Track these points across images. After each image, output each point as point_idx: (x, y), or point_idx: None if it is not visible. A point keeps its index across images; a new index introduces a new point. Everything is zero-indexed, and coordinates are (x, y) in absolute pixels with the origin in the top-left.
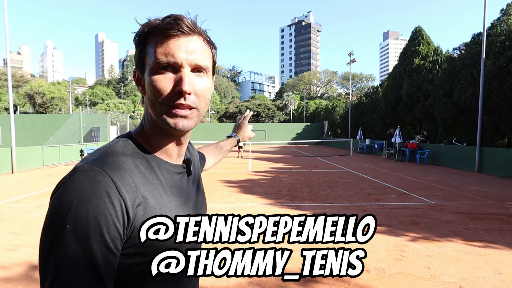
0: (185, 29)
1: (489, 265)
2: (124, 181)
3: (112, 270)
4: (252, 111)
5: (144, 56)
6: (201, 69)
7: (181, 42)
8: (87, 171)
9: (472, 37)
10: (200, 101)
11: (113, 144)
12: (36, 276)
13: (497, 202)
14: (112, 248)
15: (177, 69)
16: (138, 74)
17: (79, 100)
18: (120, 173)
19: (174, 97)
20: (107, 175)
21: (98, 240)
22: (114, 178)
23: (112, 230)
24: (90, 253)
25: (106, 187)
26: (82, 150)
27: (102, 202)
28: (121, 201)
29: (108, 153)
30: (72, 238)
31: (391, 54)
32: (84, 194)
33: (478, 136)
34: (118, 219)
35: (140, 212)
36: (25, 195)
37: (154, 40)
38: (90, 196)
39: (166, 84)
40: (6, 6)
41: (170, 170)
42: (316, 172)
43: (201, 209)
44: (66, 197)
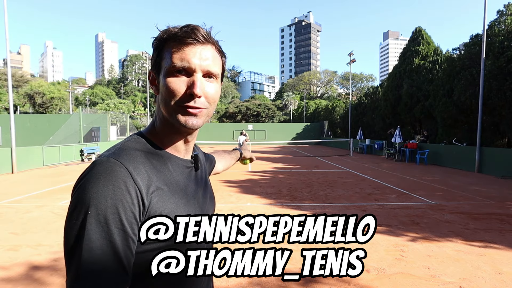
0: (200, 38)
1: (489, 265)
2: (138, 171)
3: (131, 254)
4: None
5: (161, 59)
6: (212, 75)
7: (196, 49)
8: (105, 163)
9: (470, 38)
10: (209, 103)
11: (127, 141)
12: (36, 276)
13: (497, 202)
14: (129, 232)
15: (190, 73)
16: (153, 74)
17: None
18: (134, 164)
19: (186, 99)
20: (122, 166)
21: (117, 225)
22: (129, 168)
23: (129, 215)
24: (111, 237)
25: (122, 176)
26: (82, 150)
27: (119, 190)
28: (136, 189)
29: (123, 148)
30: (94, 223)
31: (391, 54)
32: (103, 183)
33: (478, 136)
34: (134, 205)
35: (154, 200)
36: (25, 195)
37: (171, 46)
38: (108, 185)
39: (179, 86)
40: (6, 6)
41: (180, 164)
42: (316, 172)
43: (210, 203)
44: (87, 186)
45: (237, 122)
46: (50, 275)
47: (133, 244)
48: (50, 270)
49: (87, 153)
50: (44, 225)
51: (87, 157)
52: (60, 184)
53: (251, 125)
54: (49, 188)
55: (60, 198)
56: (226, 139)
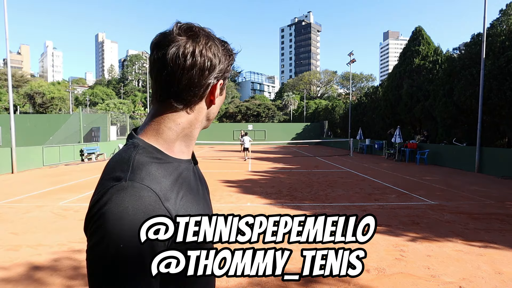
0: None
1: (489, 265)
2: (163, 189)
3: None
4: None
5: (226, 72)
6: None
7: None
8: (129, 189)
9: (471, 37)
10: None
11: (137, 155)
12: (36, 276)
13: (497, 202)
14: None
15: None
16: (222, 83)
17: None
18: (158, 183)
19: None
20: (149, 189)
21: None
22: (156, 190)
23: (160, 245)
24: (150, 274)
25: (151, 202)
26: (82, 150)
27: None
28: (166, 211)
29: (139, 165)
30: (130, 263)
31: (391, 54)
32: (132, 213)
33: (478, 136)
34: (167, 231)
35: (181, 212)
36: (25, 195)
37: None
38: (139, 215)
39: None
40: (6, 6)
41: (188, 167)
42: (316, 172)
43: (207, 194)
44: (112, 218)
45: (237, 122)
46: (50, 275)
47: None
48: (50, 270)
49: (87, 153)
50: (44, 225)
51: (87, 157)
52: (60, 184)
53: (251, 125)
54: (49, 188)
55: (60, 198)
56: (226, 139)
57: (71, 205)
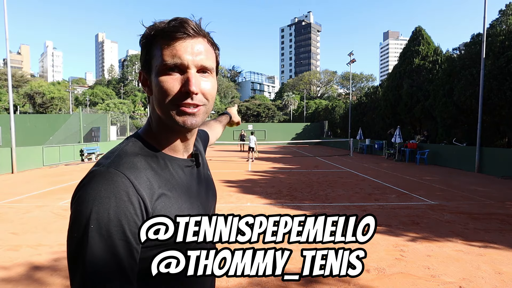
0: (190, 32)
1: (489, 265)
2: (140, 179)
3: (135, 264)
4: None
5: (151, 58)
6: (206, 69)
7: (187, 44)
8: (105, 174)
9: (471, 37)
10: (207, 100)
11: (124, 146)
12: (36, 276)
13: (497, 202)
14: (133, 244)
15: (183, 70)
16: (144, 75)
17: (79, 100)
18: (136, 172)
19: (182, 97)
20: (124, 176)
21: (121, 237)
22: (131, 178)
23: (133, 227)
24: (114, 249)
25: (124, 187)
26: (82, 150)
27: (122, 202)
28: (139, 198)
29: (121, 155)
30: (97, 237)
31: (391, 54)
32: (105, 195)
33: (478, 136)
34: (137, 216)
35: (158, 207)
36: (25, 195)
37: (160, 42)
38: (110, 197)
39: (173, 85)
40: (6, 6)
41: (180, 164)
42: (316, 172)
43: (212, 200)
44: (88, 199)
45: None
46: (50, 275)
47: (137, 254)
48: (50, 270)
49: (87, 153)
50: (44, 225)
51: (87, 157)
52: (60, 184)
53: (251, 125)
54: (49, 188)
55: (60, 198)
56: (226, 139)
57: None
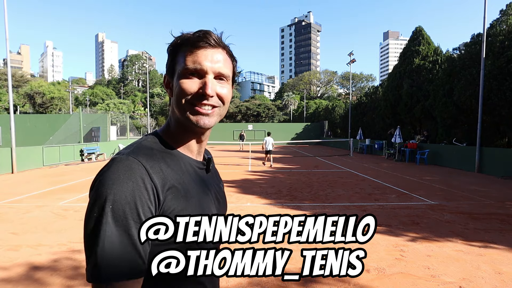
0: (212, 42)
1: (489, 265)
2: (155, 169)
3: (148, 245)
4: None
5: (175, 63)
6: (223, 77)
7: (208, 53)
8: (124, 161)
9: (471, 38)
10: (222, 102)
11: (143, 141)
12: (36, 276)
13: (497, 202)
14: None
15: (202, 75)
16: (168, 78)
17: (79, 100)
18: (151, 162)
19: (198, 98)
20: (140, 164)
21: (135, 219)
22: (147, 167)
23: (146, 210)
24: (129, 229)
25: (140, 174)
26: (82, 150)
27: (138, 186)
28: (153, 185)
29: (140, 147)
30: (113, 217)
31: (391, 54)
32: (122, 179)
33: (478, 136)
34: (150, 201)
35: (169, 197)
36: (25, 195)
37: (184, 50)
38: (128, 181)
39: (191, 86)
40: (6, 6)
41: (192, 164)
42: (316, 172)
43: (223, 204)
44: (107, 182)
45: (237, 122)
46: (50, 275)
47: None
48: (50, 270)
49: (87, 153)
50: (44, 225)
51: (87, 157)
52: (60, 184)
53: (251, 125)
54: (49, 188)
55: (60, 198)
56: (226, 139)
57: (71, 205)
